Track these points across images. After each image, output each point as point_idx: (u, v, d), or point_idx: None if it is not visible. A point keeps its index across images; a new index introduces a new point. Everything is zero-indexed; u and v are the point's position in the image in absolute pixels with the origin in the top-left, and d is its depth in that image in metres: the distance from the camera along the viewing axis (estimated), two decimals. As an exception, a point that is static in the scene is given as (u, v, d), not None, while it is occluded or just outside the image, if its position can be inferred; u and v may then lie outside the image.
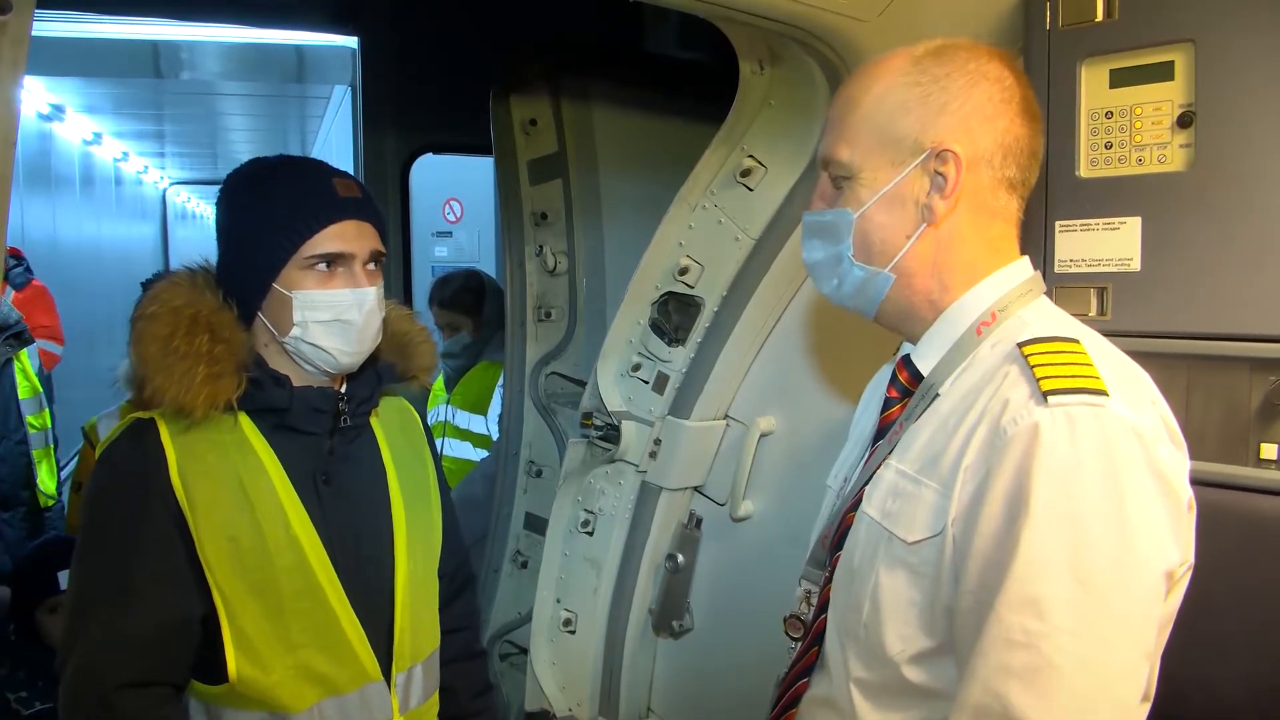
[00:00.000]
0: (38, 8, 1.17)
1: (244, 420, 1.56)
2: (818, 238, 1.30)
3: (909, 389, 1.29)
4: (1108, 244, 1.59)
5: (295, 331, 1.55)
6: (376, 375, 1.69)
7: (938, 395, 1.22)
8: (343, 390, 1.65)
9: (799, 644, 1.37)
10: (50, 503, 4.40)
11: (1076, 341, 1.14)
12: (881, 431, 1.31)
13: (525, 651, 2.88)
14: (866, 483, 1.27)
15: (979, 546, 1.09)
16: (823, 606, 1.31)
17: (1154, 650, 1.13)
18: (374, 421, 1.73)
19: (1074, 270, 1.62)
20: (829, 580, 1.30)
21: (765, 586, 2.16)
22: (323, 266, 1.54)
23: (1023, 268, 1.26)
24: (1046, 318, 1.23)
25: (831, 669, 1.28)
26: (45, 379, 4.54)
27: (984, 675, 1.06)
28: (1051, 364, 1.11)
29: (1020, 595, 1.04)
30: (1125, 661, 1.06)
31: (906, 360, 1.30)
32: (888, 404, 1.32)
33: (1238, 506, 1.21)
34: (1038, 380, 1.09)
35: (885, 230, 1.23)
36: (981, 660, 1.06)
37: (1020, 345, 1.15)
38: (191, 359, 1.49)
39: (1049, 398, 1.07)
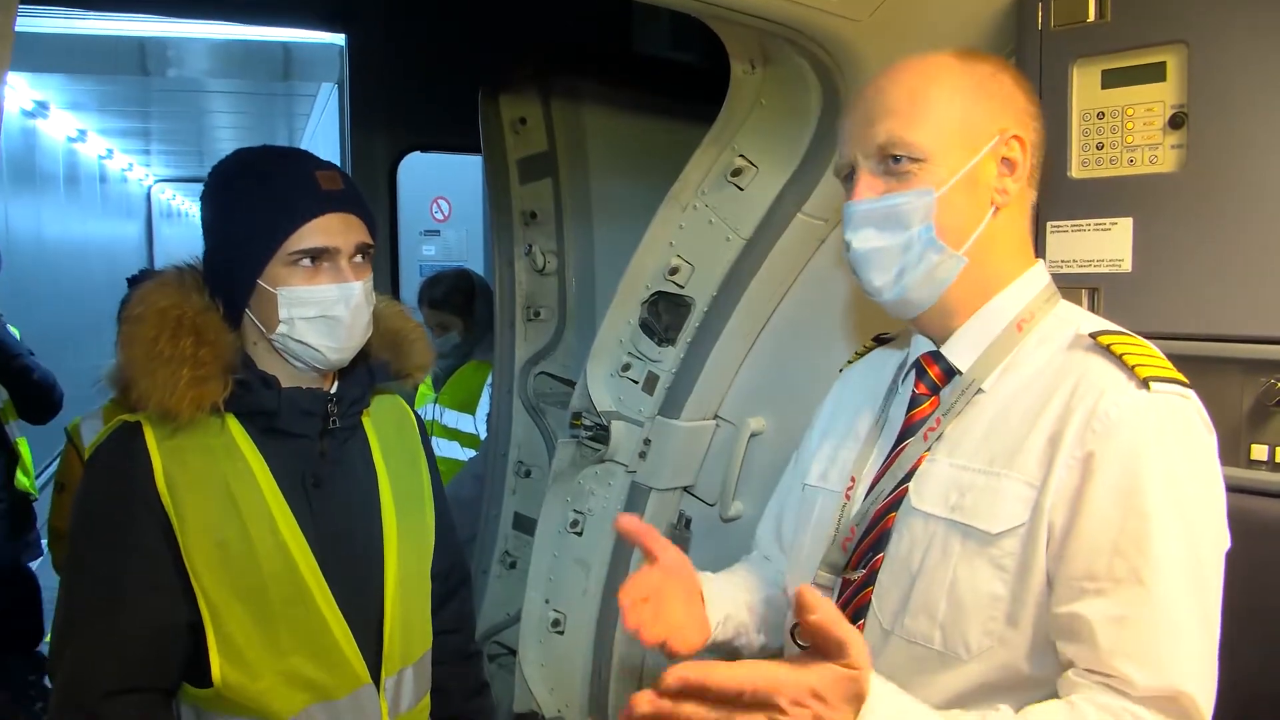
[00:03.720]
0: (21, 3, 1.15)
1: (232, 423, 1.54)
2: (875, 226, 1.26)
3: (937, 385, 1.30)
4: (1099, 245, 1.59)
5: (282, 329, 1.53)
6: (369, 374, 1.67)
7: (980, 391, 1.25)
8: (333, 390, 1.63)
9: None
10: (35, 497, 4.35)
11: (1135, 335, 1.21)
12: (909, 428, 1.31)
13: (514, 652, 2.87)
14: (903, 481, 1.27)
15: (1087, 532, 1.11)
16: (856, 612, 1.29)
17: None
18: (367, 421, 1.70)
19: (1065, 271, 1.62)
20: (865, 584, 1.28)
21: (755, 587, 2.16)
22: (307, 262, 1.51)
23: (1043, 270, 1.32)
24: (1088, 316, 1.29)
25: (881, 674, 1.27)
26: None
27: (1105, 651, 1.08)
28: (1135, 353, 1.16)
29: (1143, 574, 1.08)
30: (1216, 637, 1.12)
31: (936, 356, 1.31)
32: (916, 400, 1.32)
33: (1229, 507, 1.22)
34: (1131, 368, 1.14)
35: (963, 211, 1.24)
36: (1103, 638, 1.09)
37: (1094, 335, 1.19)
38: (176, 362, 1.46)
39: (1150, 384, 1.13)
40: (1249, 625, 1.43)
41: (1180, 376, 1.15)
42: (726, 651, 1.48)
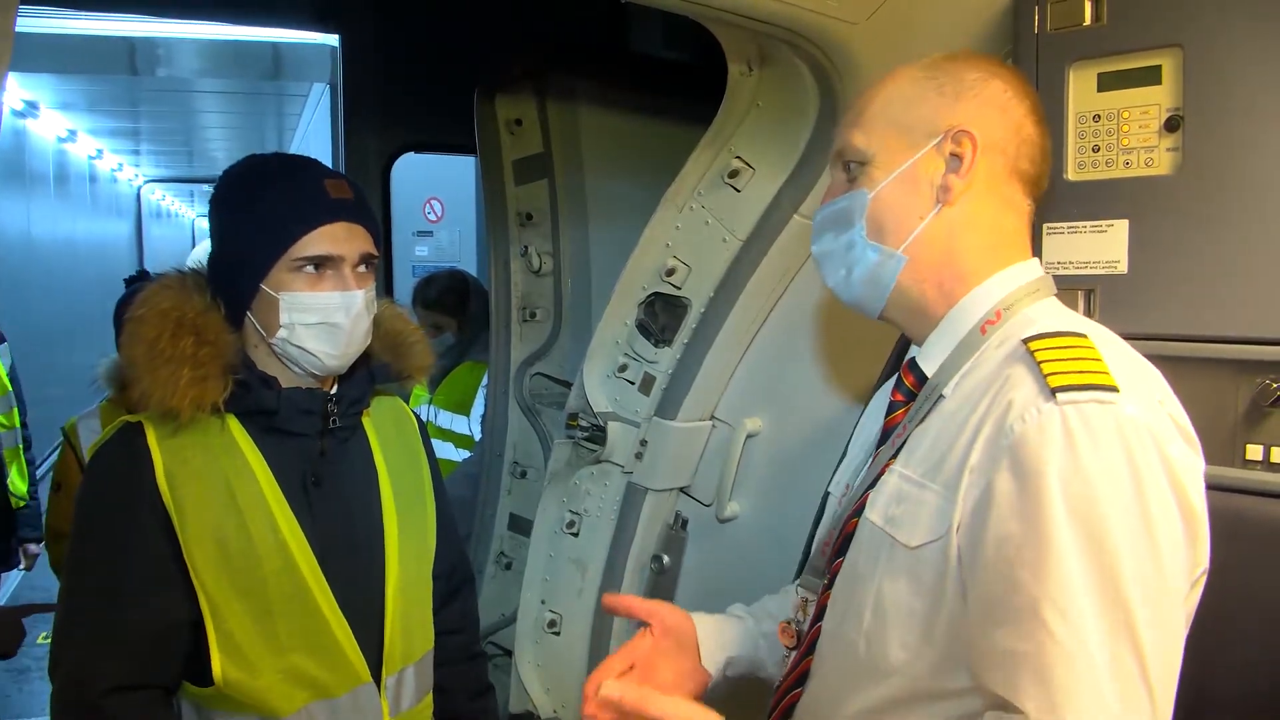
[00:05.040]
0: (20, 3, 1.15)
1: (233, 423, 1.55)
2: (829, 229, 1.31)
3: (914, 392, 1.27)
4: (1095, 246, 1.60)
5: (282, 333, 1.54)
6: (369, 375, 1.68)
7: (942, 397, 1.20)
8: (333, 391, 1.64)
9: (793, 652, 1.35)
10: (21, 504, 4.34)
11: (1084, 336, 1.11)
12: (885, 435, 1.29)
13: (509, 653, 2.87)
14: (870, 488, 1.24)
15: (989, 552, 1.06)
16: (819, 614, 1.29)
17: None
18: (367, 422, 1.72)
19: (1061, 272, 1.63)
20: (828, 587, 1.28)
21: (751, 587, 2.16)
22: (311, 269, 1.53)
23: (1032, 267, 1.25)
24: (1053, 315, 1.20)
25: (825, 677, 1.27)
26: (15, 378, 4.49)
27: (1010, 684, 1.03)
28: (1058, 359, 1.08)
29: (1039, 603, 1.01)
30: (1159, 669, 1.01)
31: (912, 363, 1.28)
32: (892, 407, 1.29)
33: (1224, 507, 1.22)
34: (1045, 376, 1.06)
35: (899, 209, 1.23)
36: (1005, 670, 1.03)
37: (1025, 341, 1.12)
38: (176, 362, 1.48)
39: (1057, 394, 1.04)
40: (1243, 626, 1.44)
41: (1106, 381, 1.05)
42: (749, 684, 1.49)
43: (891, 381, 1.46)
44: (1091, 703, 0.99)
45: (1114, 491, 1.01)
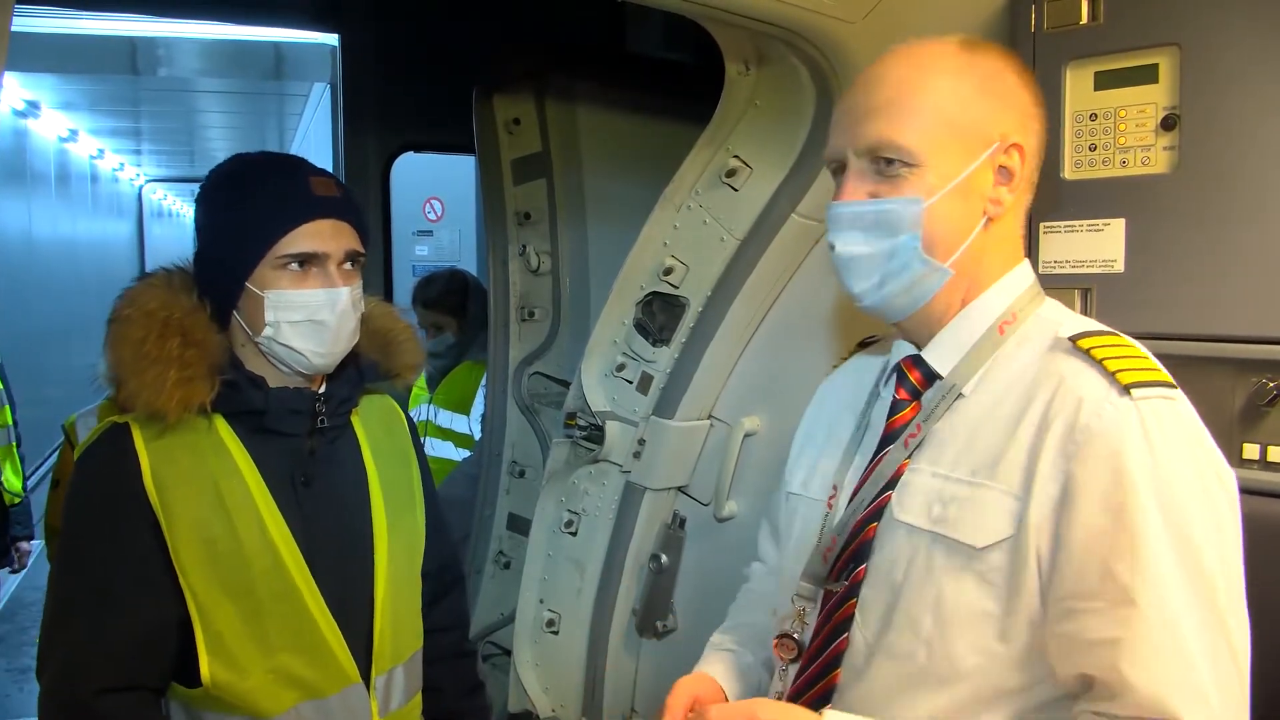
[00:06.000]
0: (18, 2, 1.15)
1: (220, 423, 1.54)
2: (861, 230, 1.19)
3: (919, 390, 1.25)
4: (1092, 245, 1.60)
5: (268, 331, 1.53)
6: (358, 374, 1.67)
7: (961, 395, 1.20)
8: (321, 390, 1.63)
9: (794, 667, 1.29)
10: (15, 500, 4.35)
11: (1119, 335, 1.14)
12: (890, 435, 1.26)
13: (508, 652, 2.87)
14: (884, 489, 1.22)
15: (1076, 546, 1.06)
16: (837, 626, 1.24)
17: None
18: (356, 421, 1.71)
19: (1058, 271, 1.63)
20: (846, 597, 1.23)
21: (750, 587, 2.16)
22: (296, 266, 1.52)
23: (1028, 271, 1.26)
24: (1070, 315, 1.23)
25: (861, 690, 1.21)
26: (3, 375, 4.50)
27: (1111, 672, 1.04)
28: (1118, 357, 1.10)
29: (1134, 592, 1.03)
30: (1243, 654, 1.05)
31: (917, 360, 1.25)
32: (896, 406, 1.26)
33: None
34: (1113, 374, 1.08)
35: (953, 222, 1.17)
36: (1101, 660, 1.04)
37: (1073, 340, 1.13)
38: (163, 363, 1.47)
39: (1131, 390, 1.06)
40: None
41: (1165, 377, 1.10)
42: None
43: (840, 380, 1.45)
44: (1189, 685, 1.01)
45: (1190, 484, 1.06)
